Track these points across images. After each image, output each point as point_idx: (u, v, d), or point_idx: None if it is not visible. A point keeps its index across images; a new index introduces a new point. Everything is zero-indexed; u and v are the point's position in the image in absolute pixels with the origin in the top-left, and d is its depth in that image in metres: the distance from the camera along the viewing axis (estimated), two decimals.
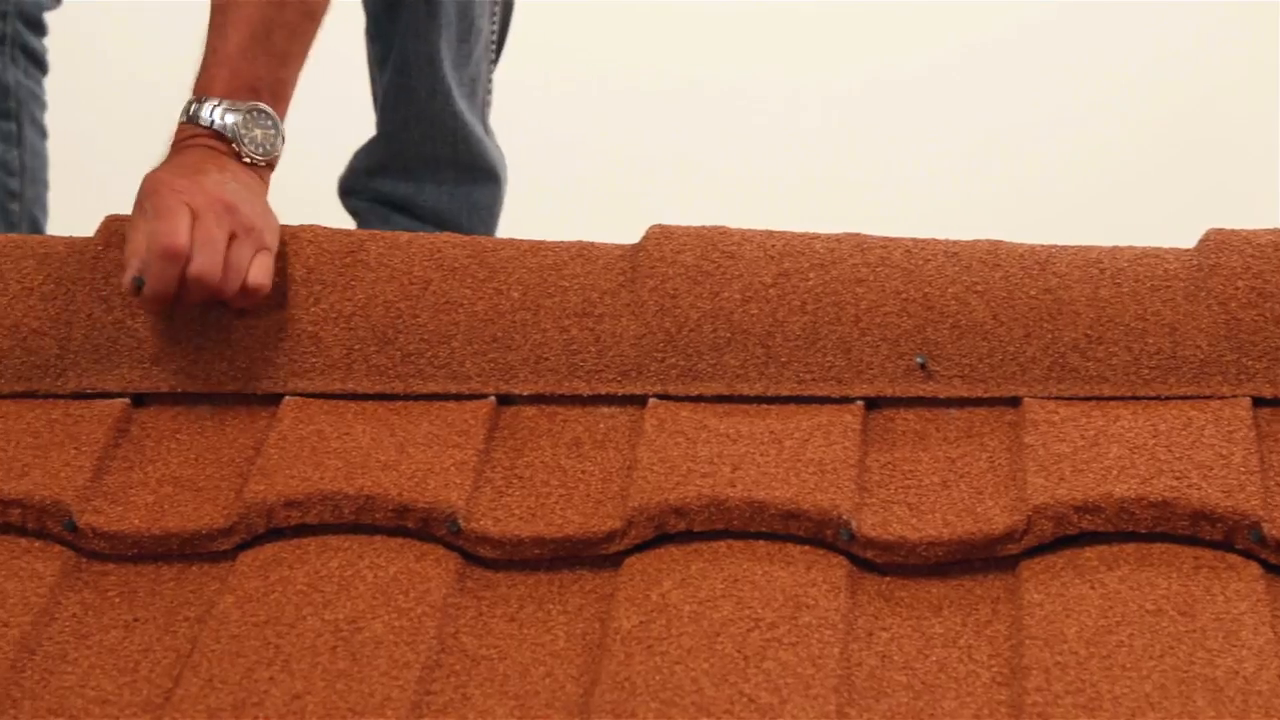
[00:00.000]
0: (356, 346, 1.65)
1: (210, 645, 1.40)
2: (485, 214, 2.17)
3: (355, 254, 1.68)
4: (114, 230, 1.67)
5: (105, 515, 1.52)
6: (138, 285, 1.61)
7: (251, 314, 1.65)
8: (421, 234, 1.70)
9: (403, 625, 1.42)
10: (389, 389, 1.64)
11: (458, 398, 1.63)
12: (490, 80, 2.17)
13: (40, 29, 2.15)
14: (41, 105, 2.16)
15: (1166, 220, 1.93)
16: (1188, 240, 1.66)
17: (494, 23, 2.14)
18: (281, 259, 1.67)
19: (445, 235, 1.70)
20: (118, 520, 1.52)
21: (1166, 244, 1.66)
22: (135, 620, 1.46)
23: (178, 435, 1.61)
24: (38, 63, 2.15)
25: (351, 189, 2.18)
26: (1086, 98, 3.53)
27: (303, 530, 1.51)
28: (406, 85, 2.09)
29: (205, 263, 1.59)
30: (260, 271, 1.62)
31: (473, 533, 1.50)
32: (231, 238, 1.61)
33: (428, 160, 2.13)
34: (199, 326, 1.65)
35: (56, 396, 1.63)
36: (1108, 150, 3.45)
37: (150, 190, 1.62)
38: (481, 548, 1.51)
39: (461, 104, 2.11)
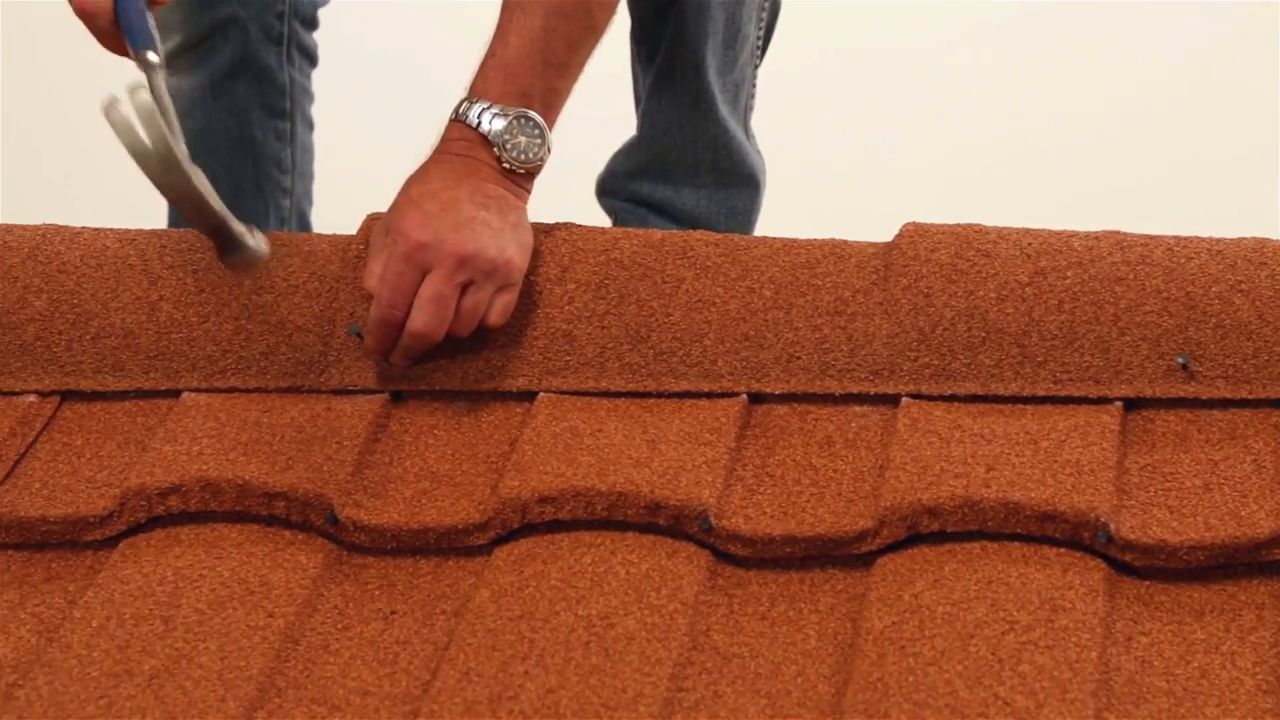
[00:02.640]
0: (610, 345, 1.66)
1: (467, 639, 1.42)
2: (743, 219, 2.17)
3: (609, 253, 1.69)
4: (374, 229, 1.70)
5: (366, 509, 1.55)
6: (356, 334, 1.65)
7: None
8: (674, 232, 1.71)
9: (655, 622, 1.42)
10: (641, 387, 1.65)
11: (709, 396, 1.64)
12: (754, 85, 2.16)
13: (314, 25, 2.20)
14: (311, 99, 2.21)
15: (1167, 218, 1.88)
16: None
17: (760, 27, 2.14)
18: (537, 257, 1.69)
19: (698, 233, 1.71)
20: (377, 514, 1.55)
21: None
22: (394, 613, 1.48)
23: (435, 431, 1.64)
24: (310, 58, 2.20)
25: (610, 189, 2.19)
26: (1088, 94, 3.46)
27: (556, 526, 1.52)
28: (670, 90, 2.09)
29: (424, 322, 1.62)
30: (499, 312, 1.64)
31: (724, 530, 1.51)
32: (469, 283, 1.63)
33: (688, 165, 2.13)
34: None
35: (319, 392, 1.67)
36: (1106, 148, 3.38)
37: (393, 225, 1.64)
38: (732, 545, 1.51)
39: (724, 110, 2.11)
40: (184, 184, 1.53)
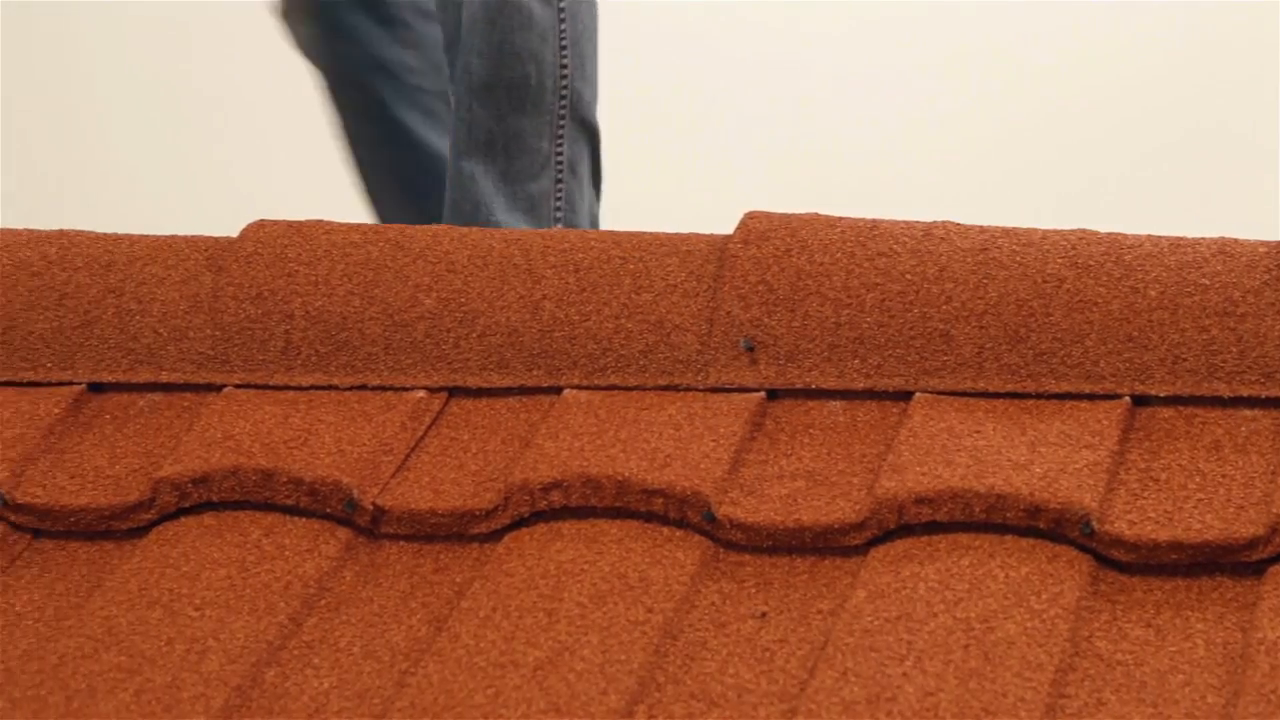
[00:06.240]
0: (988, 345, 1.64)
1: (843, 639, 1.42)
2: None
3: (987, 251, 1.67)
4: (752, 230, 1.71)
5: (742, 507, 1.56)
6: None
7: (883, 311, 1.66)
8: (1055, 230, 1.68)
9: (1035, 626, 1.40)
10: (1020, 388, 1.62)
11: (1091, 397, 1.61)
12: None
13: None
14: None
15: (1168, 217, 1.77)
16: None
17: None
18: (914, 256, 1.68)
19: (1078, 231, 1.68)
20: (753, 512, 1.55)
21: None
22: (764, 614, 1.48)
23: (810, 429, 1.64)
24: None
25: None
26: (1087, 96, 3.27)
27: (933, 527, 1.51)
28: None
29: None
30: None
31: (1106, 535, 1.48)
32: None
33: None
34: (833, 324, 1.67)
35: (696, 389, 1.69)
36: (1106, 149, 3.19)
37: None
38: (1115, 551, 1.48)
39: None
40: None
